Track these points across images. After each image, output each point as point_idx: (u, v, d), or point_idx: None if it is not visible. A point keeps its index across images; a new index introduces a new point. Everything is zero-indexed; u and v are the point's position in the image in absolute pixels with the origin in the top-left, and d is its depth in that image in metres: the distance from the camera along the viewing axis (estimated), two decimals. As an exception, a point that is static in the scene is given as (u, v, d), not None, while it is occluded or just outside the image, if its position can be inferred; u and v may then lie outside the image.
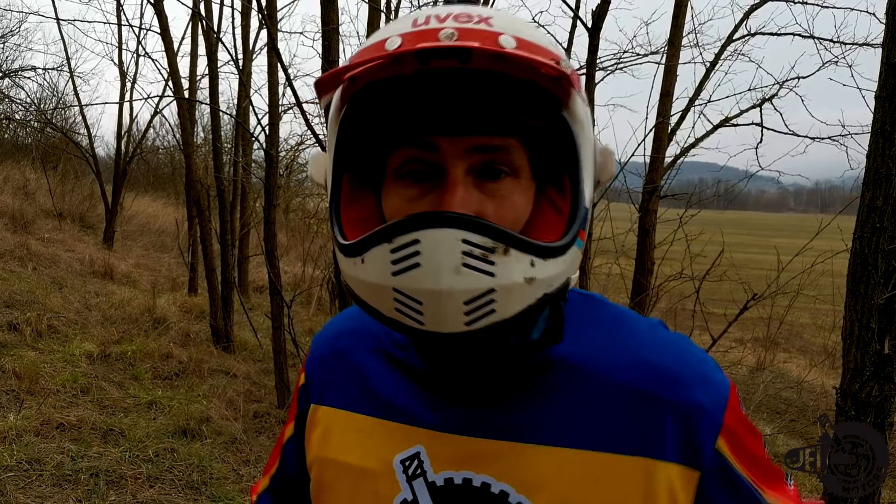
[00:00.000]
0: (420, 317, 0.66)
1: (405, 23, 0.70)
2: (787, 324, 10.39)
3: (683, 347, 0.78)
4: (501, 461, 0.75)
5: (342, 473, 0.84)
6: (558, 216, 0.73)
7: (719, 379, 0.77)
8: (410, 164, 0.72)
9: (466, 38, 0.64)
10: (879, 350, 2.48)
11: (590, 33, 4.33)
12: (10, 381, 4.90)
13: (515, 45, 0.65)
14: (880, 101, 2.59)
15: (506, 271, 0.64)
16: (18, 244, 8.42)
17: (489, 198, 0.70)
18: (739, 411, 0.77)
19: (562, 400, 0.76)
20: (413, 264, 0.64)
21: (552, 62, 0.65)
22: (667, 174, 6.09)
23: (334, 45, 3.88)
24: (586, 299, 0.83)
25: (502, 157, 0.70)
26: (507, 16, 0.71)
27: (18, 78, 15.51)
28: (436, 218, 0.63)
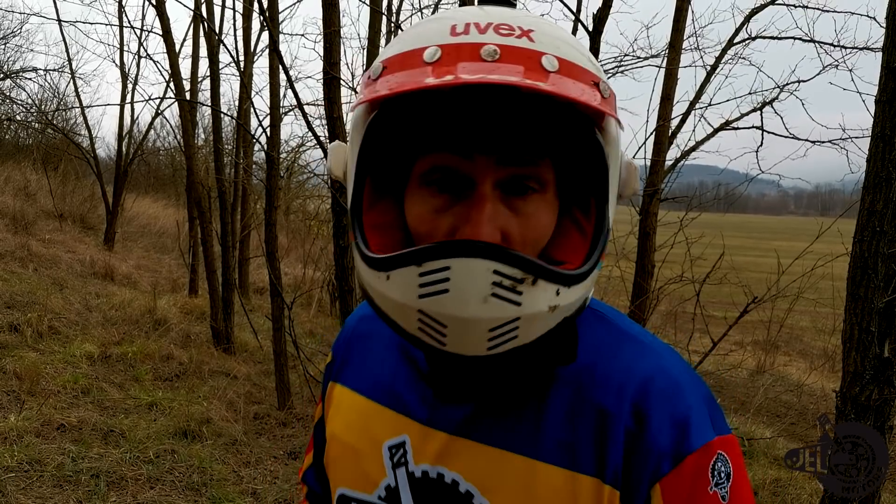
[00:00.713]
0: (443, 338, 0.67)
1: (442, 27, 0.69)
2: (788, 327, 10.38)
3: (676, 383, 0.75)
4: (471, 462, 0.77)
5: (341, 451, 0.88)
6: (581, 237, 0.74)
7: (695, 431, 0.72)
8: (437, 173, 0.71)
9: (509, 58, 0.65)
10: (879, 354, 2.48)
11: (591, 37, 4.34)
12: (10, 381, 4.90)
13: (558, 68, 0.65)
14: (880, 105, 2.60)
15: (532, 301, 0.65)
16: (19, 245, 8.42)
17: (515, 215, 0.70)
18: (703, 478, 0.71)
19: (544, 412, 0.76)
20: (442, 290, 0.64)
21: (592, 85, 0.67)
22: (667, 177, 6.09)
23: (336, 48, 3.88)
24: (597, 316, 0.82)
25: (531, 171, 0.70)
26: (548, 28, 0.70)
27: (20, 79, 15.55)
28: (468, 247, 0.63)
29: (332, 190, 3.70)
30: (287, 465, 4.48)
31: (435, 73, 0.64)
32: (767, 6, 6.53)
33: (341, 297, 3.98)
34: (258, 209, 9.98)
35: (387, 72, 0.70)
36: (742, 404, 6.96)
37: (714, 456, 0.73)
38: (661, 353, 0.78)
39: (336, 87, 3.77)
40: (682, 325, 7.56)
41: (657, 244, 5.84)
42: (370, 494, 0.83)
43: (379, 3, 6.02)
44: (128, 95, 11.71)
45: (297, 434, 5.04)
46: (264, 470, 4.38)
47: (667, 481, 0.71)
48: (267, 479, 4.26)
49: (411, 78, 0.65)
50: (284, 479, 4.24)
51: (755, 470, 4.93)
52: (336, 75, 3.79)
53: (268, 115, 6.54)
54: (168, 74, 8.26)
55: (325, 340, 8.29)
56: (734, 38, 6.68)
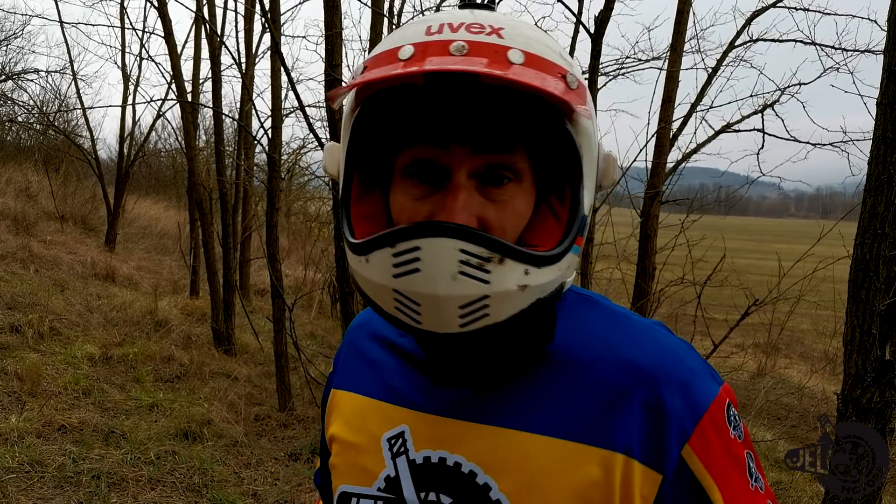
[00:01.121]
0: (418, 316, 0.70)
1: (419, 29, 0.73)
2: (788, 329, 10.37)
3: (673, 351, 0.79)
4: (473, 443, 0.79)
5: (340, 449, 0.90)
6: (557, 223, 0.76)
7: (703, 389, 0.77)
8: (417, 165, 0.75)
9: (476, 52, 0.69)
10: (881, 356, 2.48)
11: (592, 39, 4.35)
12: (11, 382, 4.91)
13: (523, 61, 0.69)
14: (882, 108, 2.60)
15: (500, 279, 0.68)
16: (20, 246, 8.43)
17: (491, 202, 0.73)
18: (723, 426, 0.77)
19: (541, 389, 0.79)
20: (413, 269, 0.68)
21: (559, 77, 0.71)
22: (668, 179, 6.09)
23: (337, 50, 3.89)
24: (583, 299, 0.86)
25: (505, 159, 0.74)
26: (519, 25, 0.74)
27: (21, 80, 15.57)
28: (436, 228, 0.67)
29: (334, 192, 3.71)
30: (288, 467, 4.48)
31: (404, 67, 0.68)
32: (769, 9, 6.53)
33: (342, 299, 3.98)
34: (259, 211, 9.98)
35: (367, 70, 0.74)
36: (743, 407, 6.95)
37: (724, 405, 0.78)
38: (651, 327, 0.82)
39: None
40: (683, 327, 7.55)
41: (658, 246, 5.84)
42: (369, 487, 0.84)
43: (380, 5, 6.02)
44: (129, 97, 11.73)
45: (297, 436, 5.04)
46: (265, 471, 4.38)
47: (695, 440, 0.75)
48: (268, 480, 4.27)
49: (381, 71, 0.69)
50: (285, 481, 4.24)
51: (756, 472, 4.93)
52: (337, 77, 3.80)
53: (269, 117, 6.56)
54: (170, 76, 8.28)
55: (325, 342, 8.29)
56: (735, 40, 6.68)
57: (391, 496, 0.82)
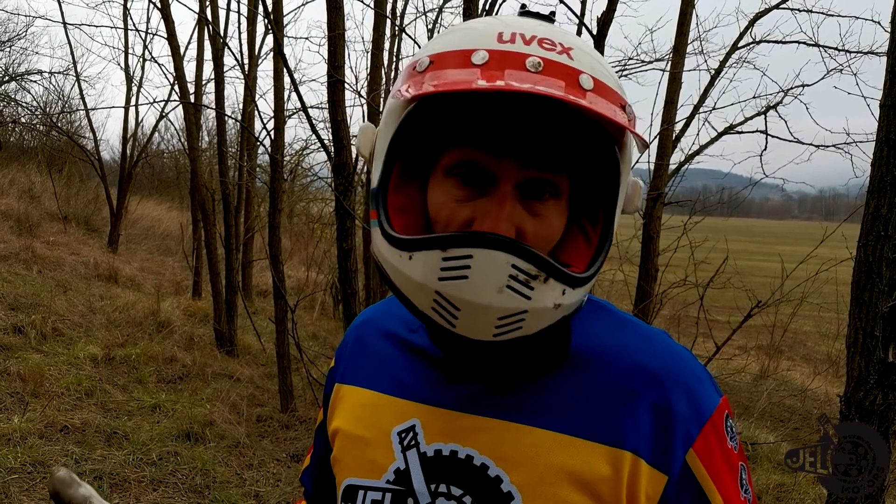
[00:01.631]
0: (454, 320, 0.72)
1: (490, 32, 0.74)
2: (791, 332, 10.34)
3: (680, 357, 0.82)
4: (485, 436, 0.80)
5: (348, 443, 0.90)
6: (586, 244, 0.79)
7: (707, 396, 0.80)
8: (464, 167, 0.75)
9: (551, 72, 0.70)
10: (884, 358, 2.48)
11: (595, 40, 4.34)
12: (14, 383, 4.91)
13: (593, 87, 0.71)
14: (885, 110, 2.60)
15: (541, 296, 0.70)
16: (24, 247, 8.44)
17: (530, 215, 0.75)
18: (723, 435, 0.80)
19: (553, 387, 0.81)
20: (461, 276, 0.69)
21: (620, 107, 0.73)
22: (671, 181, 6.09)
23: (340, 51, 3.89)
24: (598, 306, 0.88)
25: (551, 178, 0.75)
26: (584, 46, 0.76)
27: (25, 81, 15.60)
28: (491, 240, 0.69)
29: (336, 193, 3.71)
30: (290, 468, 4.48)
31: (484, 77, 0.69)
32: (772, 10, 6.53)
33: (344, 300, 3.98)
34: (262, 212, 9.98)
35: (433, 67, 0.74)
36: (745, 409, 6.94)
37: (724, 415, 0.81)
38: (659, 334, 0.86)
39: (340, 90, 3.77)
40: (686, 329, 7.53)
41: (661, 248, 5.84)
42: (378, 480, 0.85)
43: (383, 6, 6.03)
44: (132, 98, 11.73)
45: (299, 437, 5.04)
46: (267, 472, 4.38)
47: (698, 445, 0.78)
48: (270, 481, 4.27)
49: (461, 78, 0.70)
50: (287, 482, 4.24)
51: (759, 474, 4.92)
52: (340, 78, 3.80)
53: (272, 118, 6.56)
54: (172, 77, 8.28)
55: (328, 343, 8.28)
56: (738, 41, 6.68)
57: (400, 488, 0.83)
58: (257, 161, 10.16)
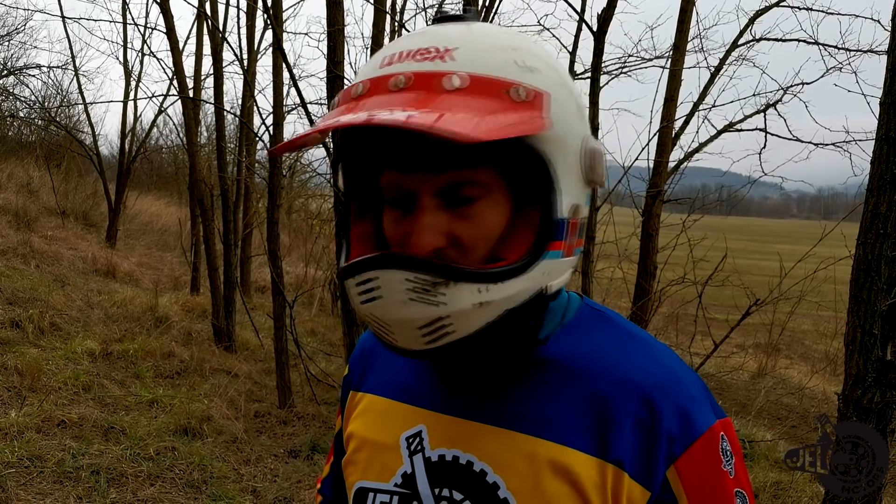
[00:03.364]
0: (392, 336, 0.76)
1: (378, 59, 0.77)
2: (789, 330, 10.36)
3: (676, 375, 0.82)
4: (483, 442, 0.83)
5: (362, 447, 0.94)
6: (532, 232, 0.76)
7: (699, 417, 0.80)
8: (390, 192, 0.79)
9: (414, 86, 0.71)
10: (882, 356, 2.48)
11: (595, 37, 4.34)
12: (12, 377, 4.91)
13: (463, 84, 0.70)
14: (885, 108, 2.59)
15: (455, 300, 0.71)
16: (21, 242, 8.43)
17: (460, 218, 0.75)
18: (714, 457, 0.79)
19: (545, 396, 0.83)
20: (376, 296, 0.73)
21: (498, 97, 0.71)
22: (670, 179, 6.09)
23: (339, 46, 3.88)
24: (598, 315, 0.89)
25: (469, 175, 0.75)
26: (475, 39, 0.75)
27: (23, 76, 15.53)
28: (386, 259, 0.72)
29: (335, 189, 3.70)
30: (287, 464, 4.48)
31: (349, 110, 0.72)
32: (772, 8, 6.52)
33: (343, 297, 3.98)
34: (260, 208, 9.98)
35: (339, 102, 0.78)
36: (743, 407, 6.95)
37: (719, 436, 0.81)
38: (661, 350, 0.85)
39: (339, 85, 3.77)
40: (684, 327, 7.54)
41: (659, 246, 5.84)
42: (387, 483, 0.88)
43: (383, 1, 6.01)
44: (131, 93, 11.72)
45: (297, 432, 5.04)
46: (264, 468, 4.38)
47: (681, 463, 0.78)
48: (267, 477, 4.27)
49: (333, 115, 0.74)
50: (285, 478, 4.24)
51: (756, 472, 4.93)
52: (339, 74, 3.79)
53: (271, 114, 6.55)
54: (171, 72, 8.27)
55: (326, 339, 8.29)
56: (738, 39, 6.68)
57: (407, 491, 0.86)
58: (256, 156, 10.15)
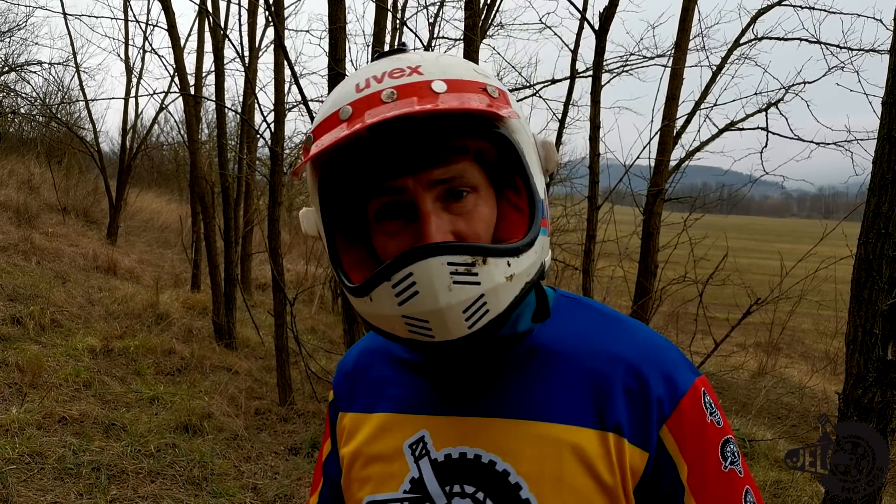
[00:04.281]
0: (430, 332, 0.78)
1: (349, 88, 0.83)
2: (790, 329, 10.36)
3: (656, 345, 0.90)
4: (488, 435, 0.87)
5: (366, 462, 0.95)
6: (520, 214, 0.85)
7: (681, 378, 0.87)
8: (387, 209, 0.83)
9: (405, 94, 0.79)
10: (883, 356, 2.48)
11: (597, 36, 4.34)
12: (12, 374, 4.91)
13: (447, 88, 0.79)
14: (887, 107, 2.59)
15: (489, 277, 0.77)
16: (22, 238, 8.43)
17: (458, 216, 0.82)
18: (699, 411, 0.87)
19: (540, 381, 0.88)
20: (413, 293, 0.76)
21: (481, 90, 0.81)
22: (671, 177, 6.09)
23: (341, 44, 3.88)
24: (573, 301, 0.97)
25: (459, 181, 0.82)
26: (433, 58, 0.84)
27: (24, 72, 15.53)
28: (420, 251, 0.76)
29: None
30: (288, 461, 4.48)
31: (349, 126, 0.78)
32: (774, 7, 6.51)
33: (343, 294, 3.98)
34: (261, 205, 9.97)
35: (315, 138, 0.83)
36: (743, 406, 6.95)
37: (700, 392, 0.88)
38: (638, 326, 0.93)
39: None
40: (685, 325, 7.55)
41: (660, 245, 5.84)
42: (395, 492, 0.90)
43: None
44: (132, 89, 11.71)
45: (297, 430, 5.04)
46: (265, 465, 4.39)
47: (672, 421, 0.85)
48: (267, 474, 4.27)
49: (332, 136, 0.78)
50: (285, 475, 4.25)
51: (756, 471, 4.93)
52: (341, 72, 3.79)
53: (272, 111, 6.54)
54: (172, 69, 8.26)
55: (326, 337, 8.29)
56: (740, 38, 6.67)
57: (417, 495, 0.89)
58: (257, 154, 10.15)
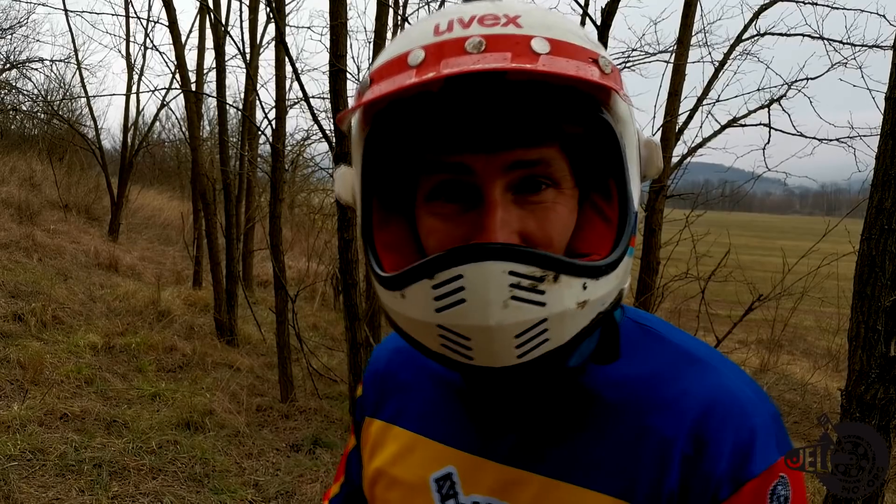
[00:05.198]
0: (469, 352, 0.63)
1: (426, 28, 0.66)
2: (792, 326, 10.35)
3: (740, 404, 0.71)
4: (524, 492, 0.74)
5: (388, 485, 0.85)
6: (606, 224, 0.69)
7: (758, 455, 0.69)
8: (443, 185, 0.68)
9: (496, 47, 0.61)
10: (886, 352, 2.47)
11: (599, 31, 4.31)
12: (14, 371, 4.91)
13: (550, 49, 0.61)
14: (890, 103, 2.58)
15: (557, 299, 0.61)
16: (24, 235, 8.43)
17: (530, 213, 0.66)
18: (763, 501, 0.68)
19: (595, 438, 0.72)
20: (458, 300, 0.60)
21: (590, 61, 0.63)
22: (674, 174, 6.08)
23: (342, 40, 3.87)
24: (644, 331, 0.78)
25: (542, 169, 0.66)
26: (536, 10, 0.67)
27: (26, 69, 15.54)
28: (479, 250, 0.60)
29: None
30: (289, 458, 4.48)
31: (418, 75, 0.61)
32: (777, 3, 6.49)
33: (345, 291, 3.97)
34: (263, 202, 9.98)
35: (374, 83, 0.66)
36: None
37: (776, 479, 0.69)
38: (721, 371, 0.74)
39: (342, 79, 3.75)
40: (687, 322, 7.53)
41: (662, 241, 5.83)
42: None
43: (386, -4, 5.98)
44: (133, 86, 11.71)
45: (299, 427, 5.04)
46: (266, 462, 4.39)
47: None
48: (269, 471, 4.27)
49: (393, 83, 0.62)
50: (286, 472, 4.25)
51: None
52: (342, 68, 3.78)
53: (273, 108, 6.54)
54: (174, 66, 8.27)
55: (328, 334, 8.29)
56: (743, 34, 6.64)
57: None
58: (258, 151, 10.14)
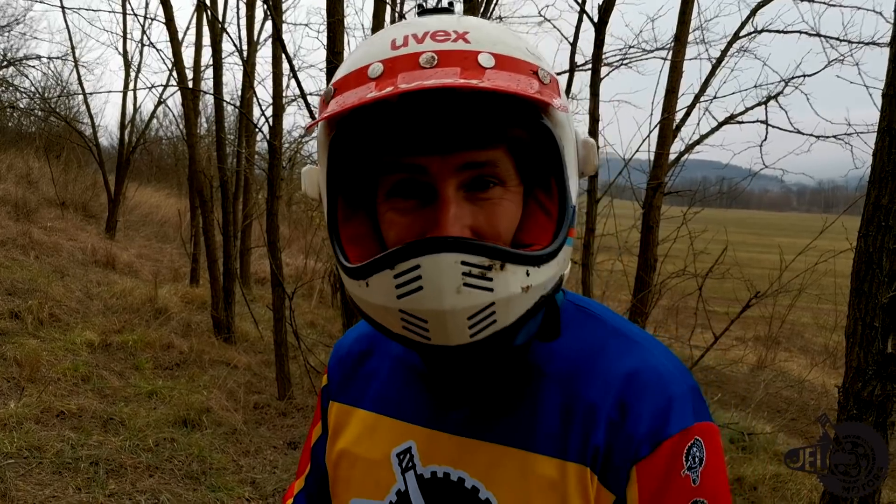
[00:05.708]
0: (426, 333, 0.70)
1: (383, 43, 0.73)
2: (789, 323, 10.37)
3: (659, 374, 0.78)
4: (475, 459, 0.81)
5: (352, 463, 0.91)
6: (547, 217, 0.76)
7: (674, 418, 0.75)
8: (401, 183, 0.75)
9: (447, 62, 0.69)
10: (883, 349, 2.47)
11: (596, 28, 4.32)
12: (11, 368, 4.91)
13: (494, 64, 0.69)
14: (887, 99, 2.58)
15: (503, 285, 0.68)
16: (21, 232, 8.42)
17: (480, 209, 0.73)
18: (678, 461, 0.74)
19: (534, 407, 0.80)
20: (416, 287, 0.68)
21: (531, 74, 0.71)
22: (671, 171, 6.08)
23: (339, 37, 3.86)
24: (582, 311, 0.86)
25: (490, 170, 0.74)
26: (483, 26, 0.74)
27: (23, 66, 15.47)
28: (434, 244, 0.67)
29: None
30: (286, 455, 4.48)
31: (378, 87, 0.68)
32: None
33: (342, 289, 3.97)
34: (260, 199, 9.97)
35: (337, 93, 0.74)
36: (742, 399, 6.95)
37: (691, 440, 0.75)
38: (645, 347, 0.82)
39: (339, 76, 3.75)
40: (684, 319, 7.55)
41: (660, 238, 5.83)
42: (381, 501, 0.87)
43: (383, -8, 5.97)
44: (130, 83, 11.68)
45: (297, 424, 5.04)
46: (263, 459, 4.39)
47: (643, 464, 0.75)
48: (266, 468, 4.27)
49: (356, 95, 0.69)
50: (284, 469, 4.24)
51: (755, 465, 4.93)
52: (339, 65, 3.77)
53: (270, 105, 6.54)
54: (171, 63, 8.23)
55: (325, 331, 8.29)
56: (740, 31, 6.65)
57: None
58: (256, 148, 10.12)
